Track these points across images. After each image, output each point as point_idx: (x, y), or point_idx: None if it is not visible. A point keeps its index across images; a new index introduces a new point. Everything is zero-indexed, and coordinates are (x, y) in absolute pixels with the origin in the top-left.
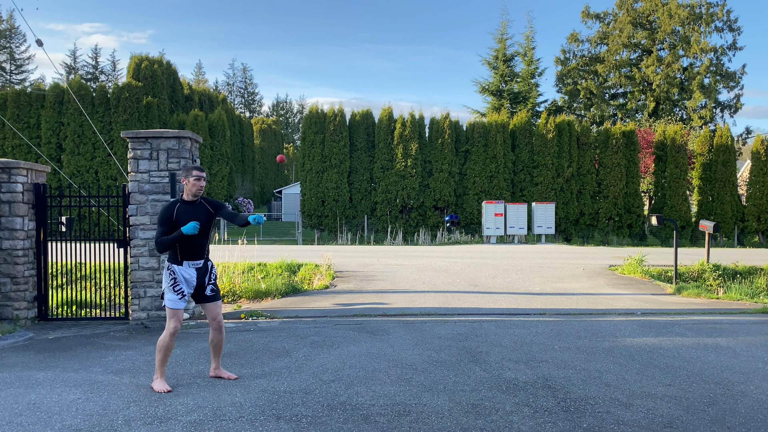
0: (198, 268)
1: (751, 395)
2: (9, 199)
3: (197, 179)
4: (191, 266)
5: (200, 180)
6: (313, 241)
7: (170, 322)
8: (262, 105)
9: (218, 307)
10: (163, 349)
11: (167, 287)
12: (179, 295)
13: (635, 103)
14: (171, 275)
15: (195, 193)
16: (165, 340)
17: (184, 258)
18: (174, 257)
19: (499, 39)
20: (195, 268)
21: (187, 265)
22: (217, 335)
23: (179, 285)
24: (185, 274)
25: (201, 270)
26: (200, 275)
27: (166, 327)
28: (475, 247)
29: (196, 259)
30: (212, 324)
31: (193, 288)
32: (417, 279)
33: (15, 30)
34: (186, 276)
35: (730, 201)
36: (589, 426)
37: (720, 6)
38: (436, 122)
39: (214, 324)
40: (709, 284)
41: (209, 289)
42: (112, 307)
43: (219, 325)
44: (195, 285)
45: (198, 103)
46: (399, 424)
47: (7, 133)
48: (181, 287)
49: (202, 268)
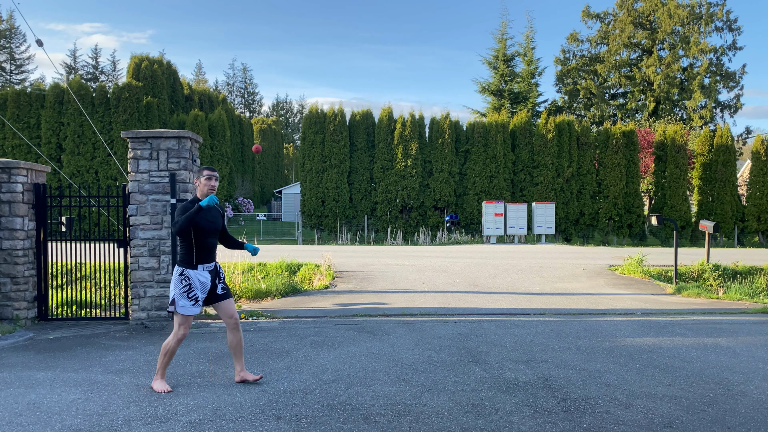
0: (211, 271)
1: (751, 395)
2: (9, 199)
3: (208, 179)
4: (205, 269)
5: (211, 179)
6: (313, 241)
7: (180, 329)
8: (262, 105)
9: (232, 303)
10: (168, 353)
11: (179, 293)
12: (192, 301)
13: (635, 103)
14: (185, 281)
15: (206, 193)
16: (171, 345)
17: (199, 261)
18: (188, 261)
19: (500, 39)
20: (208, 270)
21: (201, 269)
22: (236, 334)
23: (194, 291)
24: (201, 278)
25: (213, 272)
26: (213, 278)
27: (174, 333)
28: (475, 247)
29: (210, 261)
30: (228, 322)
31: (207, 292)
32: (417, 279)
33: (15, 30)
34: (201, 280)
35: (730, 201)
36: (589, 426)
37: (720, 6)
38: (436, 122)
39: (230, 322)
40: (709, 284)
41: (220, 287)
42: (112, 307)
43: (236, 323)
44: (209, 288)
45: (198, 103)
46: (399, 424)
47: (7, 133)
48: (195, 293)
49: (214, 270)
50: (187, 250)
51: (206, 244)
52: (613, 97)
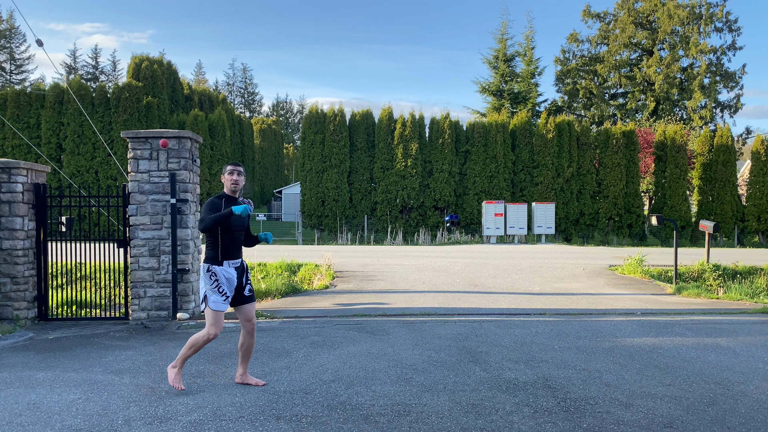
0: (237, 267)
1: (751, 395)
2: (9, 199)
3: (230, 173)
4: (231, 266)
5: (233, 174)
6: (313, 241)
7: (211, 328)
8: (262, 105)
9: (254, 307)
10: (193, 347)
11: (210, 289)
12: (223, 297)
13: (635, 103)
14: (212, 277)
15: (230, 187)
16: (199, 343)
17: (225, 257)
18: (214, 257)
19: (500, 39)
20: (234, 267)
21: (227, 265)
22: (249, 339)
23: (222, 287)
24: (227, 275)
25: (240, 269)
26: (239, 275)
27: (207, 332)
28: (475, 247)
29: (236, 257)
30: (246, 326)
31: (234, 289)
32: (417, 279)
33: (15, 30)
34: (227, 276)
35: (730, 201)
36: (589, 426)
37: (720, 6)
38: (436, 122)
39: (248, 326)
40: (709, 284)
41: (247, 289)
42: (112, 307)
43: (252, 328)
44: (235, 286)
45: (198, 103)
46: (399, 424)
47: (7, 133)
48: (224, 288)
49: (240, 267)
50: (213, 246)
51: (232, 241)
52: (613, 97)
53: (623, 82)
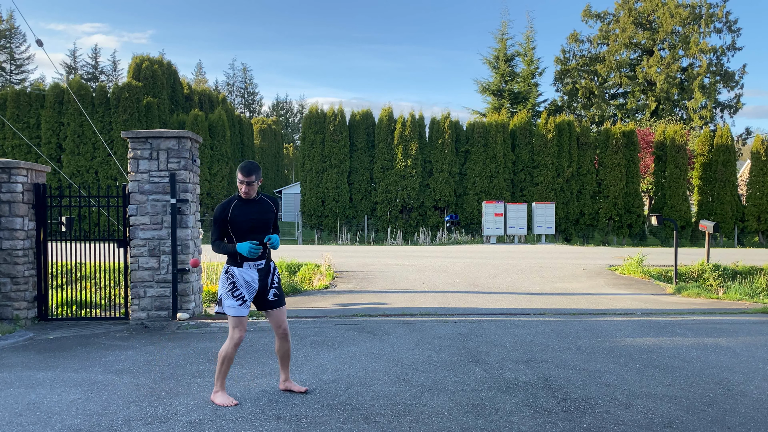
0: (260, 269)
1: (751, 395)
2: (9, 199)
3: (240, 182)
4: (252, 267)
5: (242, 185)
6: (313, 241)
7: (234, 332)
8: (262, 105)
9: (283, 313)
10: (225, 360)
11: (225, 292)
12: (239, 301)
13: (635, 103)
14: (230, 279)
15: (242, 195)
16: (228, 351)
17: (244, 259)
18: (233, 259)
19: (500, 39)
20: (257, 269)
21: (247, 267)
22: (284, 344)
23: (239, 290)
24: (246, 277)
25: (263, 271)
26: (262, 277)
27: (230, 337)
28: (475, 247)
29: (257, 259)
30: (277, 332)
31: (255, 292)
32: (417, 279)
33: (15, 30)
34: (247, 279)
35: (730, 201)
36: (589, 426)
37: (720, 7)
38: (436, 122)
39: (279, 332)
40: (709, 284)
41: (272, 293)
42: (112, 307)
43: (285, 333)
44: (257, 289)
45: (198, 103)
46: (399, 424)
47: (7, 133)
48: (241, 292)
49: (264, 269)
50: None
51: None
52: (614, 97)
53: (623, 82)
